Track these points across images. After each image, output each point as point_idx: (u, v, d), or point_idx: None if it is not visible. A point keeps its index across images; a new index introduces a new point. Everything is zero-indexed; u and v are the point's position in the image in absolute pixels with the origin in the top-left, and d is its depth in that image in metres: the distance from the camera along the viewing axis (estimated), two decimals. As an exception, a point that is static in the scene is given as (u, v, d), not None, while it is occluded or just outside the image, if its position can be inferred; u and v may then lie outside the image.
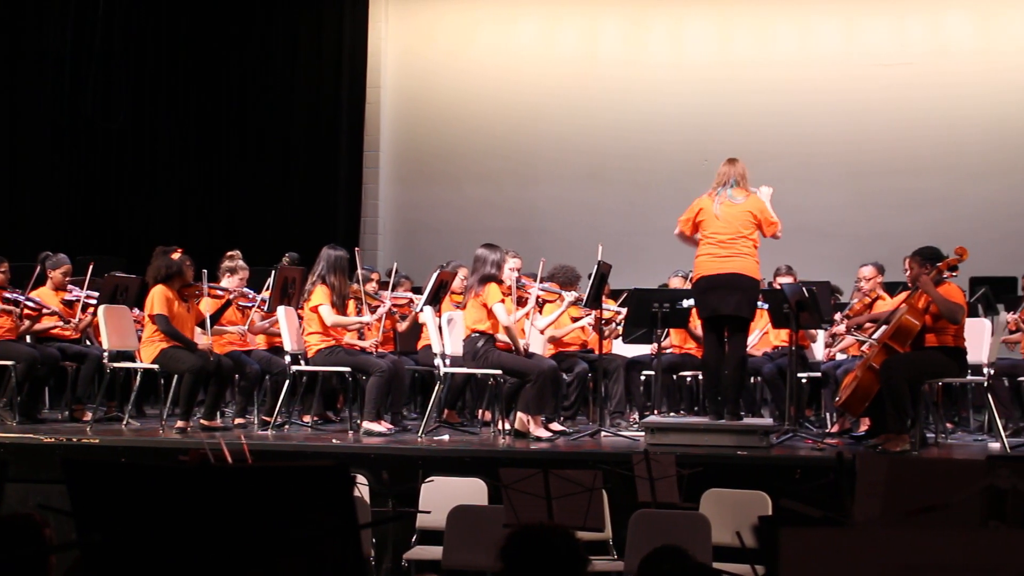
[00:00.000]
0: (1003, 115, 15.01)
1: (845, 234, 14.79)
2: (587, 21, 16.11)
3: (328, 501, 2.51)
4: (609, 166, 15.74)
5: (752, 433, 9.03)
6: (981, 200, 14.91)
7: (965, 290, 11.30)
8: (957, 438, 10.57)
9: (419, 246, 15.19)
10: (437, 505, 7.34)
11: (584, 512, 6.28)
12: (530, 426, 9.60)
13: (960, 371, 9.24)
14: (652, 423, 9.32)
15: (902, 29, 15.42)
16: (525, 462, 7.51)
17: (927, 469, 3.19)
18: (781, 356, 10.82)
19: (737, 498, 7.49)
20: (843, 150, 15.26)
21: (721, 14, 15.82)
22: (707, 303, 9.25)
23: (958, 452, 9.58)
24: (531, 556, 3.46)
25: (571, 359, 10.82)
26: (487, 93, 16.19)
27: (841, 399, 9.45)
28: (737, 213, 9.18)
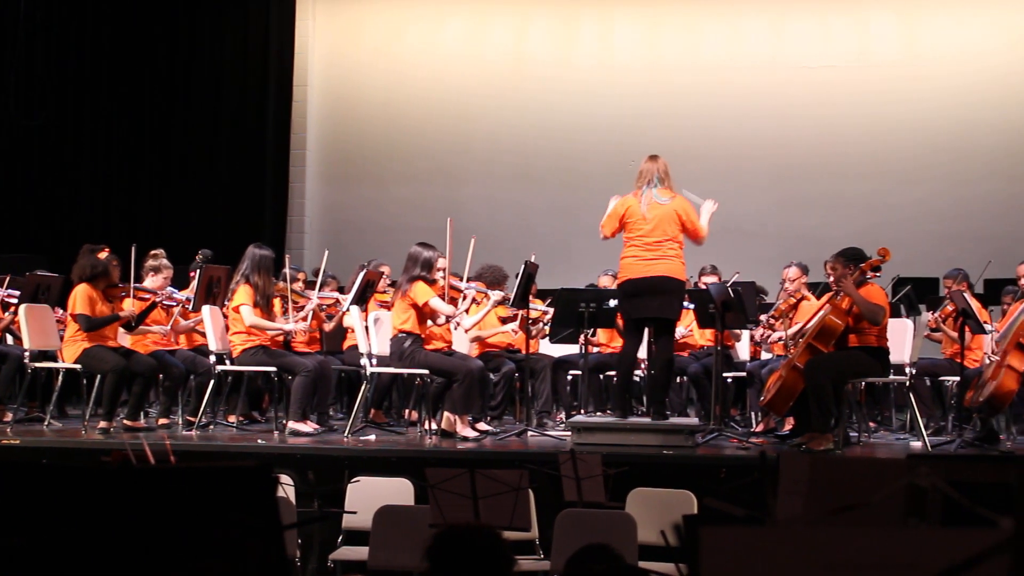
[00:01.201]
0: (926, 119, 15.18)
1: (770, 235, 14.91)
2: (516, 21, 16.11)
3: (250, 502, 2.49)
4: (538, 166, 15.74)
5: (678, 432, 9.08)
6: (904, 202, 15.08)
7: (888, 291, 11.42)
8: (880, 437, 10.69)
9: (346, 246, 15.10)
10: (363, 505, 7.32)
11: (510, 512, 6.27)
12: (457, 426, 9.59)
13: (883, 371, 9.34)
14: (579, 423, 9.35)
15: (828, 32, 15.56)
16: (451, 462, 7.51)
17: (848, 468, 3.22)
18: (707, 356, 10.89)
19: (663, 497, 7.52)
20: (769, 152, 15.36)
21: (650, 16, 15.87)
22: (632, 306, 9.25)
23: (881, 451, 9.68)
24: (457, 556, 3.46)
25: (498, 359, 10.83)
26: (415, 92, 16.14)
27: (766, 399, 9.53)
28: (664, 214, 9.16)
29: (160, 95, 16.16)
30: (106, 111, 16.06)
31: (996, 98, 15.09)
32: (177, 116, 16.17)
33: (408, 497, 7.70)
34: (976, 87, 15.12)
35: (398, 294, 9.81)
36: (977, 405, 9.54)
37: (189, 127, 16.16)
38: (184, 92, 16.17)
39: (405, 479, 7.83)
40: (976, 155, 15.10)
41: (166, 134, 16.17)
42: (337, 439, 9.56)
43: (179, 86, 16.18)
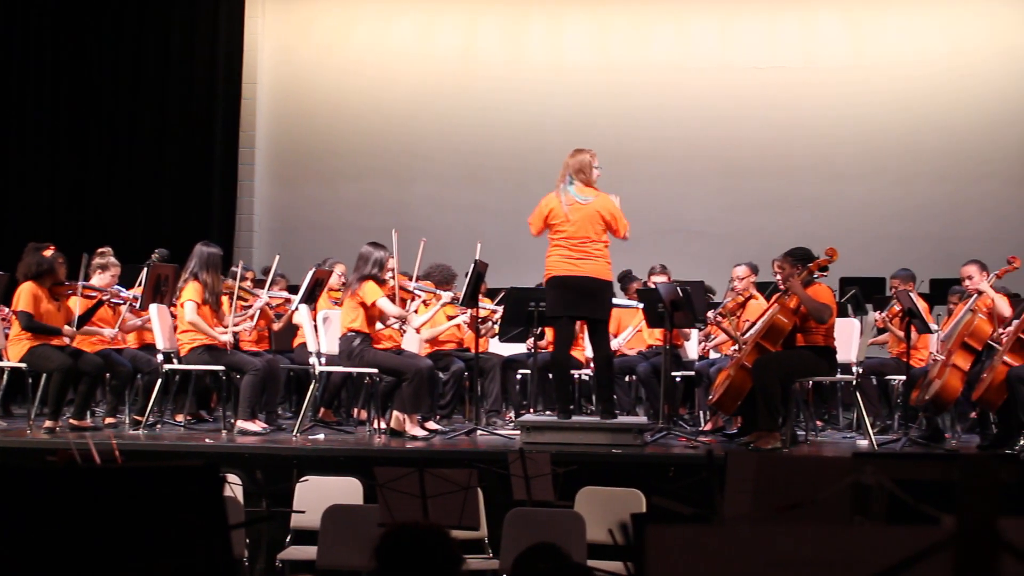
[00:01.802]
0: (873, 120, 15.31)
1: (719, 234, 14.98)
2: (465, 20, 16.10)
3: (197, 501, 2.48)
4: (488, 165, 15.74)
5: (627, 431, 9.10)
6: (852, 202, 15.19)
7: (835, 290, 11.51)
8: (827, 436, 10.76)
9: (295, 244, 15.03)
10: (312, 505, 7.28)
11: (459, 511, 6.27)
12: (406, 425, 9.57)
13: (830, 370, 9.41)
14: (528, 422, 9.35)
15: (776, 35, 15.65)
16: (400, 461, 7.48)
17: (795, 466, 3.24)
18: (655, 355, 10.93)
19: (612, 496, 7.54)
20: (719, 152, 15.44)
21: (599, 16, 15.90)
22: (559, 303, 9.20)
23: (828, 449, 9.75)
24: (405, 555, 3.45)
25: (447, 358, 10.82)
26: (364, 91, 16.10)
27: (714, 397, 9.58)
28: (586, 215, 9.09)
29: (107, 91, 16.02)
30: (52, 107, 15.92)
31: (941, 101, 15.23)
32: (124, 113, 16.04)
33: (357, 496, 7.68)
34: (922, 90, 15.26)
35: (347, 293, 9.79)
36: (923, 404, 9.62)
37: (137, 125, 16.04)
38: (132, 89, 16.04)
39: (354, 478, 7.82)
40: (922, 157, 15.23)
41: (113, 131, 16.04)
42: (286, 438, 9.52)
43: (127, 83, 16.05)
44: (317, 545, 6.99)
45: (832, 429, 11.28)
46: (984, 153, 15.22)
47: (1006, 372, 8.87)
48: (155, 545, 2.46)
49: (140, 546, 2.46)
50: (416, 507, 6.20)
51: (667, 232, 14.63)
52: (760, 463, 3.05)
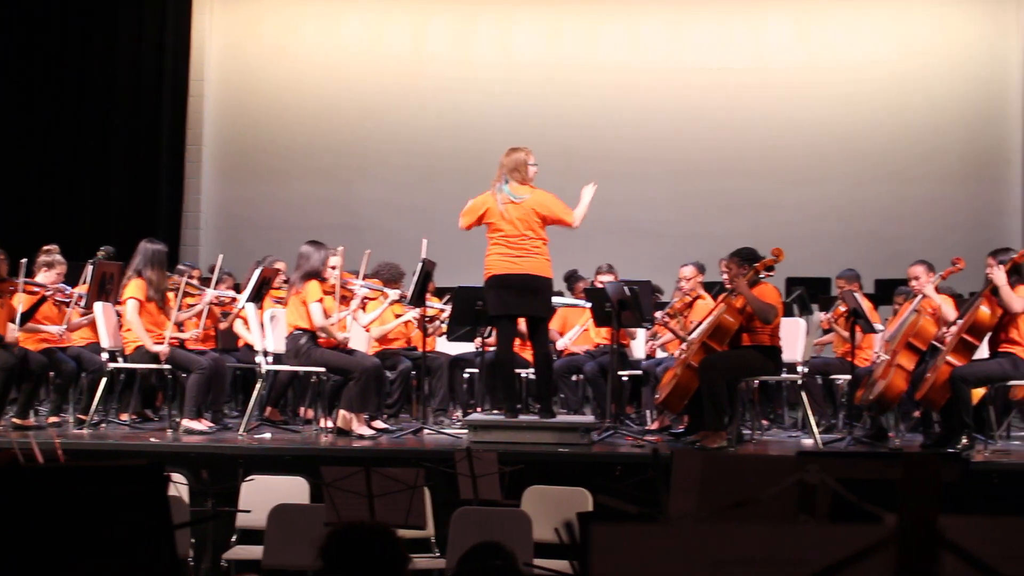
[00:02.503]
0: (821, 122, 15.42)
1: (667, 234, 15.04)
2: (416, 18, 16.08)
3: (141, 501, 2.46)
4: (438, 164, 15.73)
5: (574, 430, 9.11)
6: (799, 203, 15.30)
7: (781, 290, 11.58)
8: (772, 435, 10.82)
9: (242, 242, 14.96)
10: (257, 504, 7.25)
11: (406, 510, 6.26)
12: (353, 424, 9.54)
13: (776, 369, 9.47)
14: (475, 421, 9.35)
15: (726, 36, 15.73)
16: (347, 460, 7.44)
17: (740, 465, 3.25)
18: (603, 354, 10.95)
19: (558, 495, 7.55)
20: (667, 152, 15.50)
21: (549, 16, 15.93)
22: (500, 302, 9.19)
23: (773, 448, 9.80)
24: (351, 554, 3.45)
25: (395, 357, 10.80)
26: (314, 88, 16.05)
27: (661, 397, 9.61)
28: (522, 213, 9.11)
29: (53, 88, 15.89)
30: (-5, 103, 15.77)
31: (888, 102, 15.38)
32: (70, 110, 15.91)
33: (303, 496, 7.65)
34: (868, 92, 15.40)
35: (291, 291, 9.75)
36: (867, 403, 9.71)
37: (83, 122, 15.91)
38: (78, 86, 15.91)
39: (300, 477, 7.79)
40: (869, 158, 15.37)
41: (59, 128, 15.90)
42: (232, 437, 9.48)
43: (73, 80, 15.92)
44: (263, 545, 6.97)
45: (778, 428, 11.34)
46: (929, 154, 15.37)
47: (949, 372, 8.95)
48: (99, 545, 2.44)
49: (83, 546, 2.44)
50: (362, 506, 6.18)
51: (615, 232, 14.67)
52: (705, 462, 3.06)
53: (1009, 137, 15.42)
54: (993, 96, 15.47)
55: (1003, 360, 9.03)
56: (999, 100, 15.45)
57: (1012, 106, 15.38)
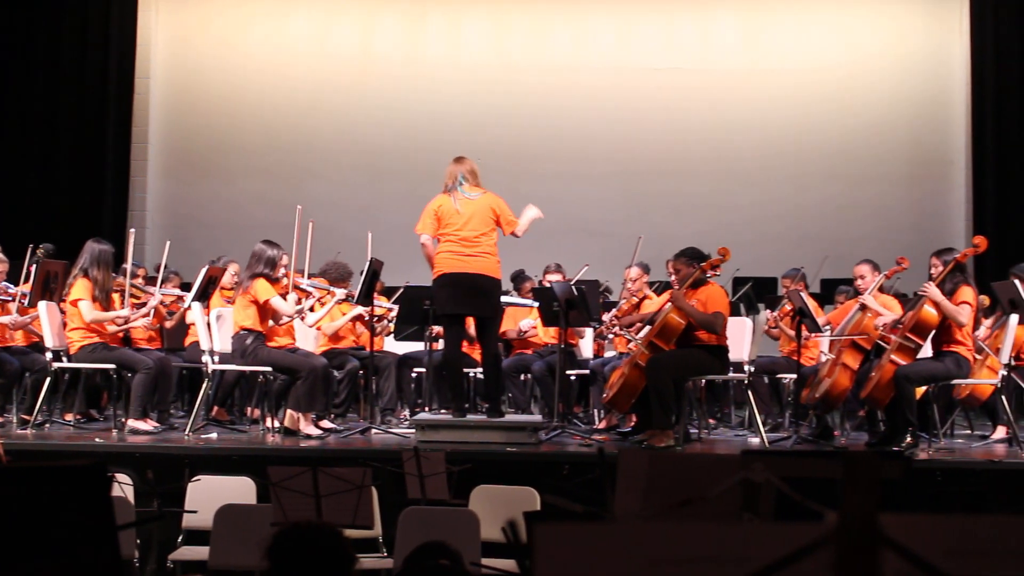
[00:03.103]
0: (767, 122, 15.51)
1: (615, 234, 15.05)
2: (363, 16, 16.04)
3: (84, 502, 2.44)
4: (386, 162, 15.69)
5: (521, 430, 9.13)
6: (745, 203, 15.38)
7: (728, 290, 11.63)
8: (719, 434, 10.88)
9: (189, 241, 14.86)
10: (204, 504, 7.21)
11: (353, 510, 6.25)
12: (300, 424, 9.51)
13: (722, 369, 9.52)
14: (423, 420, 9.35)
15: (673, 36, 15.80)
16: (294, 460, 7.45)
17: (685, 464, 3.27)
18: (550, 354, 10.97)
19: (506, 494, 7.55)
20: (616, 152, 15.54)
21: (497, 15, 15.94)
22: (449, 300, 9.22)
23: (720, 447, 9.85)
24: (297, 555, 3.43)
25: (342, 356, 10.77)
26: (262, 86, 15.97)
27: (608, 396, 9.64)
28: (476, 210, 9.18)
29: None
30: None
31: (834, 103, 15.49)
32: (14, 107, 15.76)
33: (250, 496, 7.62)
34: (815, 93, 15.51)
35: (240, 291, 9.71)
36: (813, 402, 9.78)
37: (27, 119, 15.76)
38: (21, 83, 15.76)
39: (247, 477, 7.75)
40: (815, 158, 15.47)
41: (2, 125, 15.74)
42: (178, 437, 9.42)
43: (16, 77, 15.76)
44: (209, 545, 6.93)
45: (724, 427, 11.41)
46: (874, 156, 15.50)
47: (894, 371, 9.03)
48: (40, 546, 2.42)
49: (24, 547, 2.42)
50: (309, 506, 6.16)
51: (564, 232, 14.68)
52: (651, 461, 3.08)
53: (953, 139, 15.56)
54: (938, 98, 15.61)
55: (947, 359, 9.13)
56: (944, 102, 15.60)
57: (956, 108, 15.53)
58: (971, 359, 9.26)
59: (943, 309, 8.94)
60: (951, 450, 9.39)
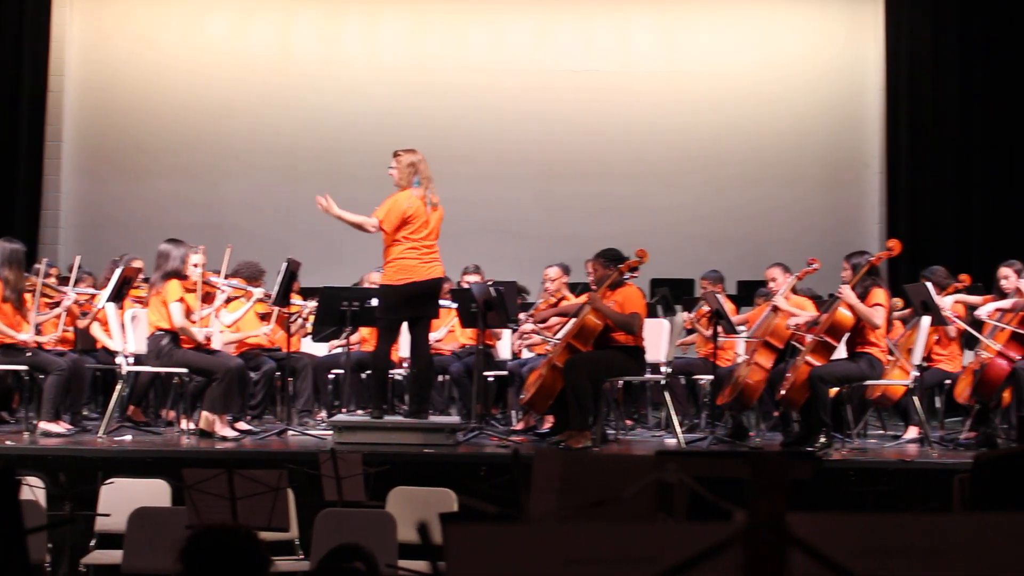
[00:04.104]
0: (685, 125, 15.60)
1: (533, 235, 15.09)
2: (281, 15, 15.93)
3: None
4: (302, 163, 15.59)
5: (439, 431, 9.13)
6: (663, 205, 15.46)
7: (645, 291, 11.70)
8: (637, 435, 10.93)
9: (103, 241, 14.68)
10: (117, 507, 7.14)
11: (269, 512, 6.22)
12: (216, 425, 9.44)
13: (639, 370, 9.58)
14: (340, 422, 9.32)
15: (592, 38, 15.84)
16: (209, 462, 7.38)
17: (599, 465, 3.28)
18: (468, 355, 10.97)
19: (423, 496, 7.54)
20: (534, 153, 15.56)
21: (416, 15, 15.90)
22: (406, 306, 9.23)
23: (637, 448, 9.91)
24: (211, 557, 3.41)
25: (258, 357, 10.69)
26: (177, 84, 15.80)
27: (526, 397, 9.66)
28: (439, 216, 9.25)
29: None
30: None
31: (749, 108, 15.62)
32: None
33: (164, 499, 7.55)
34: (732, 97, 15.63)
35: (152, 291, 9.60)
36: (728, 403, 9.88)
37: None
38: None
39: (161, 480, 7.68)
40: (732, 162, 15.59)
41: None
42: (91, 440, 9.32)
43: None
44: (123, 549, 6.86)
45: (642, 428, 11.46)
46: (791, 159, 15.65)
47: (808, 372, 9.13)
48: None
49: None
50: (225, 509, 6.12)
51: (482, 233, 14.69)
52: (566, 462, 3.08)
53: (868, 143, 15.75)
54: (853, 103, 15.80)
55: (860, 360, 9.25)
56: (859, 106, 15.79)
57: (871, 112, 15.72)
58: (884, 360, 9.40)
59: (857, 311, 9.06)
60: (864, 450, 9.52)
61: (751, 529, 1.58)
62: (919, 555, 1.76)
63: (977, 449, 9.01)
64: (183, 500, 6.40)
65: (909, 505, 7.98)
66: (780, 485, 1.58)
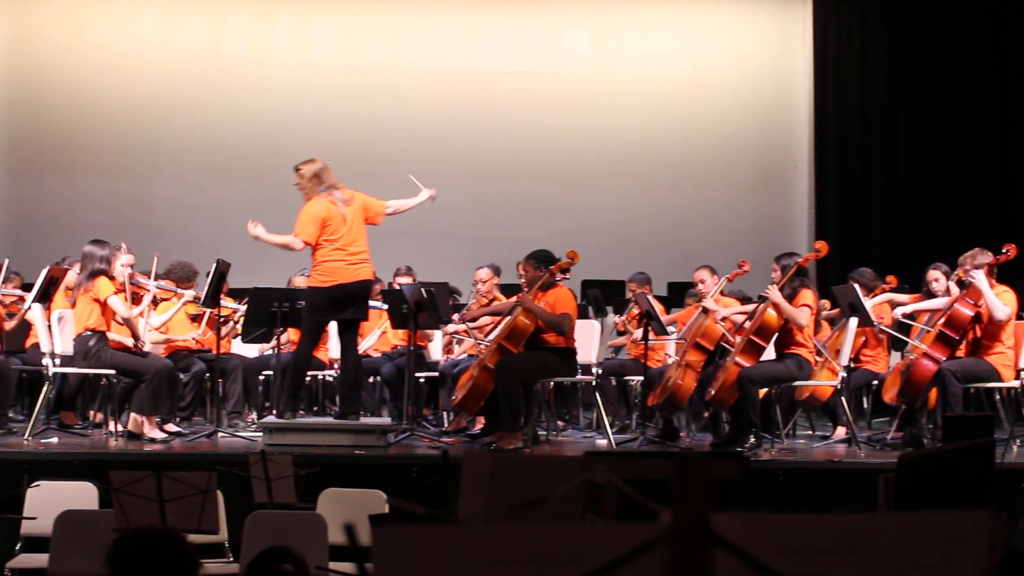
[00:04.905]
0: (616, 127, 15.66)
1: (465, 236, 15.09)
2: (212, 14, 15.81)
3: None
4: (233, 163, 15.48)
5: (370, 432, 9.11)
6: (595, 207, 15.50)
7: (577, 293, 11.74)
8: (568, 435, 10.96)
9: (30, 241, 14.52)
10: (43, 511, 7.07)
11: (198, 514, 6.18)
12: (144, 427, 9.37)
13: (571, 371, 9.61)
14: (270, 423, 9.27)
15: (523, 40, 15.86)
16: (138, 464, 7.34)
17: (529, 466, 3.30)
18: (400, 356, 10.96)
19: (354, 497, 7.52)
20: (465, 155, 15.55)
21: (347, 15, 15.84)
22: (332, 308, 9.21)
23: (568, 449, 9.94)
24: (138, 561, 3.39)
25: (188, 358, 10.60)
26: (106, 84, 15.63)
27: (457, 398, 9.66)
28: (355, 216, 9.20)
29: None
30: None
31: (680, 110, 15.70)
32: None
33: (92, 501, 7.47)
34: (662, 100, 15.71)
35: (80, 291, 9.50)
36: (659, 403, 9.93)
37: None
38: None
39: (88, 483, 7.60)
40: (662, 164, 15.67)
41: None
42: (16, 442, 9.21)
43: None
44: (49, 553, 6.79)
45: (573, 429, 11.49)
46: (721, 162, 15.75)
47: (738, 373, 9.20)
48: None
49: None
50: (153, 511, 6.08)
51: (414, 234, 14.67)
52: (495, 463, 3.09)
53: (797, 146, 15.89)
54: (782, 106, 15.93)
55: (789, 361, 9.34)
56: (788, 110, 15.92)
57: (800, 116, 15.86)
58: (812, 361, 9.49)
59: (783, 311, 9.14)
60: (793, 450, 9.61)
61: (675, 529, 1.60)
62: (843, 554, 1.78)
63: (903, 449, 9.11)
64: (111, 503, 6.35)
65: (836, 504, 8.06)
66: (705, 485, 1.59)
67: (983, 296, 9.16)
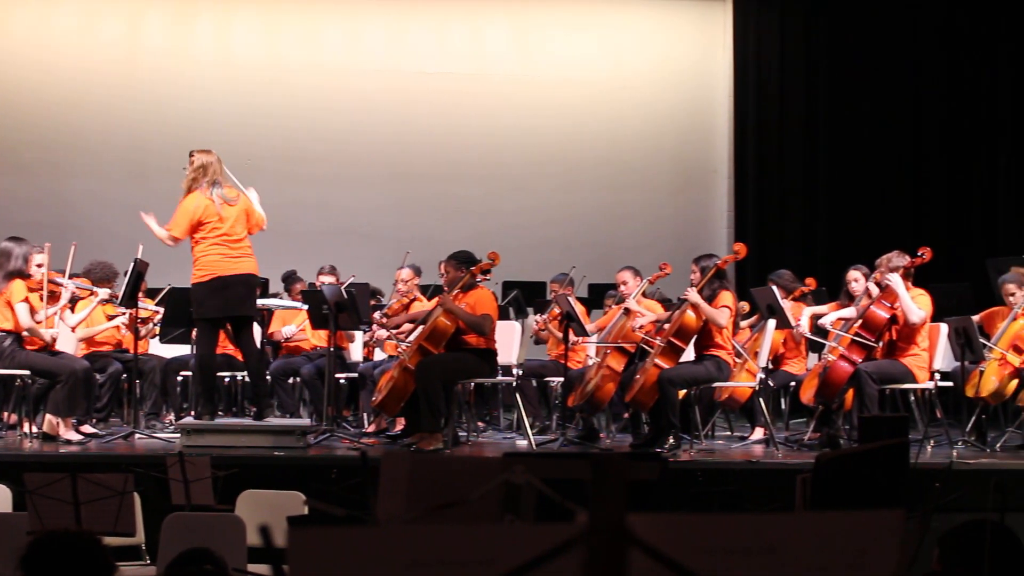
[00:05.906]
0: (538, 128, 15.70)
1: (387, 236, 15.04)
2: (130, 10, 15.64)
3: None
4: (151, 160, 15.30)
5: (289, 433, 9.07)
6: (516, 208, 15.54)
7: (498, 294, 11.76)
8: (488, 436, 10.97)
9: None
10: (-45, 514, 6.97)
11: (115, 516, 6.12)
12: (60, 429, 9.26)
13: (491, 372, 9.63)
14: (188, 425, 9.20)
15: (445, 40, 15.86)
16: (53, 466, 7.25)
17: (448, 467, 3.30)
18: (320, 357, 10.91)
19: (273, 499, 7.47)
20: (387, 155, 15.52)
21: (269, 13, 15.74)
22: (223, 304, 9.17)
23: (488, 450, 9.95)
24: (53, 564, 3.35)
25: (105, 359, 10.49)
26: (22, 79, 15.42)
27: (378, 399, 9.64)
28: (237, 213, 9.19)
29: None
30: None
31: (601, 112, 15.78)
32: None
33: (5, 504, 7.37)
34: (584, 102, 15.78)
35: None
36: (579, 405, 9.97)
37: None
38: None
39: (2, 485, 7.50)
40: (584, 166, 15.74)
41: None
42: (-73, 445, 9.08)
43: None
44: (-41, 556, 6.69)
45: (493, 430, 11.51)
46: (642, 164, 15.85)
47: (657, 374, 9.26)
48: None
49: None
50: (68, 514, 6.02)
51: (335, 234, 14.63)
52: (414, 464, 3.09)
53: (717, 149, 16.03)
54: (702, 109, 16.06)
55: (708, 363, 9.42)
56: (708, 113, 16.05)
57: (719, 119, 16.00)
58: (731, 362, 9.57)
59: (702, 312, 9.22)
60: (712, 451, 9.68)
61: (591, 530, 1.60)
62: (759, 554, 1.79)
63: (820, 449, 9.22)
64: (24, 505, 6.26)
65: (754, 505, 8.13)
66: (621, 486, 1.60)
67: (899, 299, 9.29)
